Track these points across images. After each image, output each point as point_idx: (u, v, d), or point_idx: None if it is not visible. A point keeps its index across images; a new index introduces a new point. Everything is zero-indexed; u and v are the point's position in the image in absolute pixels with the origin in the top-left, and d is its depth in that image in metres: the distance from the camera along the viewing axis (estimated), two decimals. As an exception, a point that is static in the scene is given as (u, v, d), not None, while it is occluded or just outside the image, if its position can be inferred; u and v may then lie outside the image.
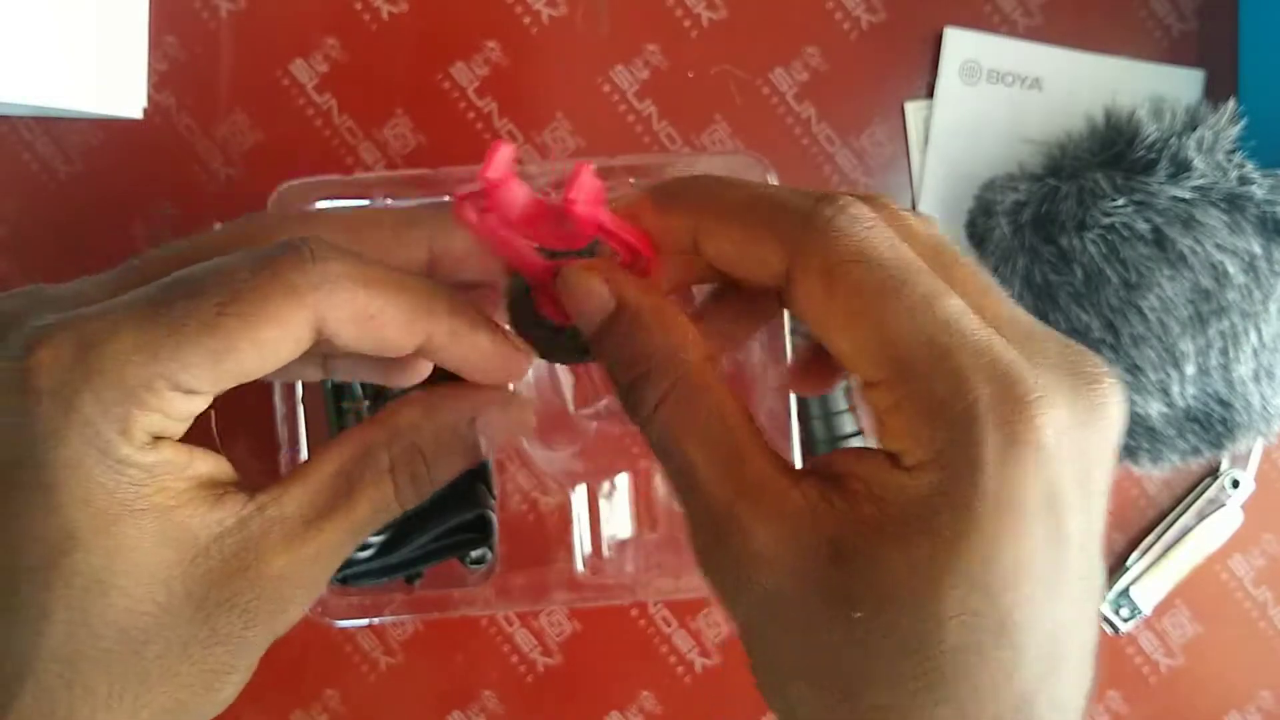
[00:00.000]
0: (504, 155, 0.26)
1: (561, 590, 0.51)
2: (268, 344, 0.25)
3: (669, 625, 0.54)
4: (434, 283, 0.28)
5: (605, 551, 0.51)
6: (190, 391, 0.25)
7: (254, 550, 0.26)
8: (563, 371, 0.52)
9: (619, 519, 0.51)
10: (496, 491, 0.50)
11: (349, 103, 0.54)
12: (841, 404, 0.51)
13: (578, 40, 0.54)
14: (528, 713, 0.54)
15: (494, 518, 0.49)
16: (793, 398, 0.49)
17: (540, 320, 0.31)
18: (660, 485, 0.52)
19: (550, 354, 0.32)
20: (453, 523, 0.48)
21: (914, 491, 0.23)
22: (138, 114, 0.53)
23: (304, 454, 0.48)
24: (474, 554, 0.49)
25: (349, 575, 0.48)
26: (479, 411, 0.30)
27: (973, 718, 0.24)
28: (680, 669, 0.55)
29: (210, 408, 0.26)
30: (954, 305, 0.24)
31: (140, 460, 0.24)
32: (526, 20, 0.54)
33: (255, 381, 0.26)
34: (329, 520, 0.27)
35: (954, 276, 0.25)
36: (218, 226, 0.53)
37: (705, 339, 0.27)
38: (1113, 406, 0.24)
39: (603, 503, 0.51)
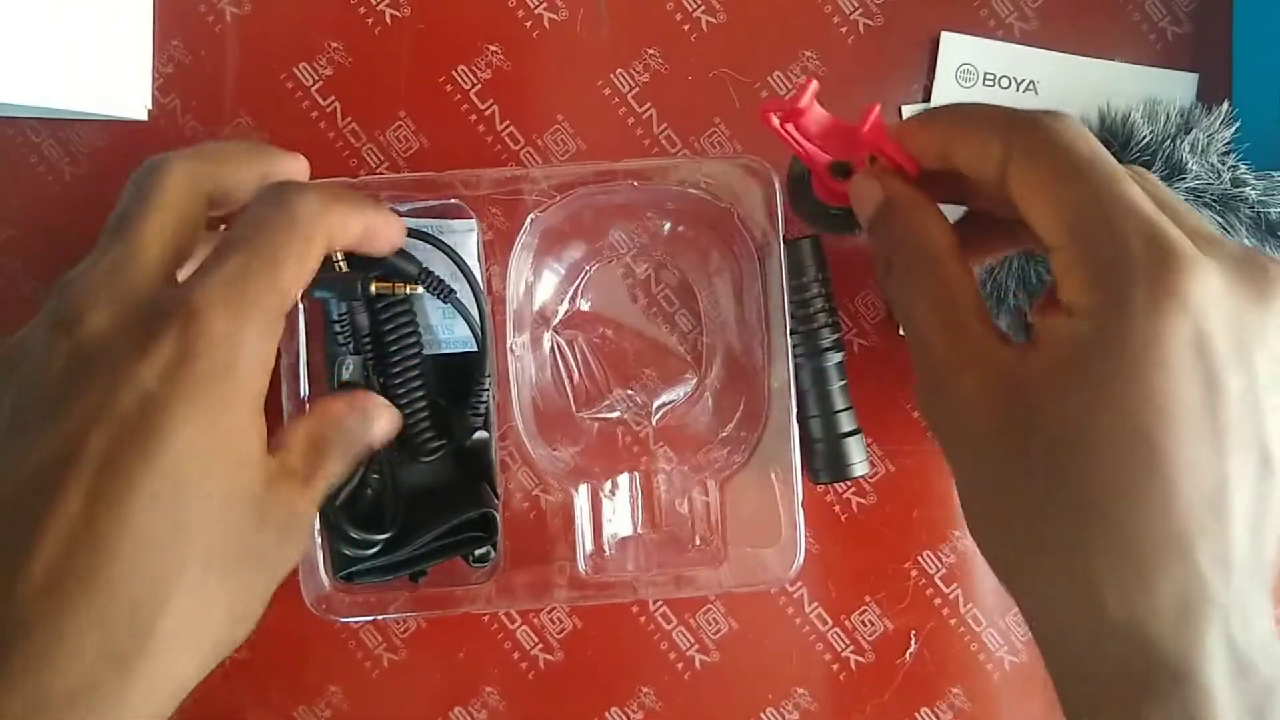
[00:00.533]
0: (811, 89, 0.38)
1: (564, 588, 0.51)
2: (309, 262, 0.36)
3: (669, 622, 0.55)
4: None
5: (607, 550, 0.51)
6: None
7: (283, 499, 0.35)
8: (564, 374, 0.53)
9: (620, 518, 0.52)
10: (500, 491, 0.51)
11: (352, 105, 0.54)
12: (841, 403, 0.52)
13: (578, 44, 0.55)
14: (529, 708, 0.55)
15: (497, 516, 0.50)
16: (793, 400, 0.49)
17: (812, 199, 0.43)
18: (662, 485, 0.52)
19: (817, 225, 0.44)
20: (457, 521, 0.48)
21: (1076, 336, 0.28)
22: (143, 116, 0.54)
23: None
24: (478, 552, 0.50)
25: (353, 573, 0.48)
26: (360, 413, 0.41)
27: (1129, 550, 0.26)
28: (680, 665, 0.55)
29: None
30: (1132, 190, 0.29)
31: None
32: (528, 24, 0.55)
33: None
34: (316, 480, 0.37)
35: (1147, 181, 0.32)
36: (222, 228, 0.54)
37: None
38: (1276, 293, 0.28)
39: (604, 502, 0.51)
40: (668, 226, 0.53)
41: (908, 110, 0.56)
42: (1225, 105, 0.50)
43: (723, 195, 0.51)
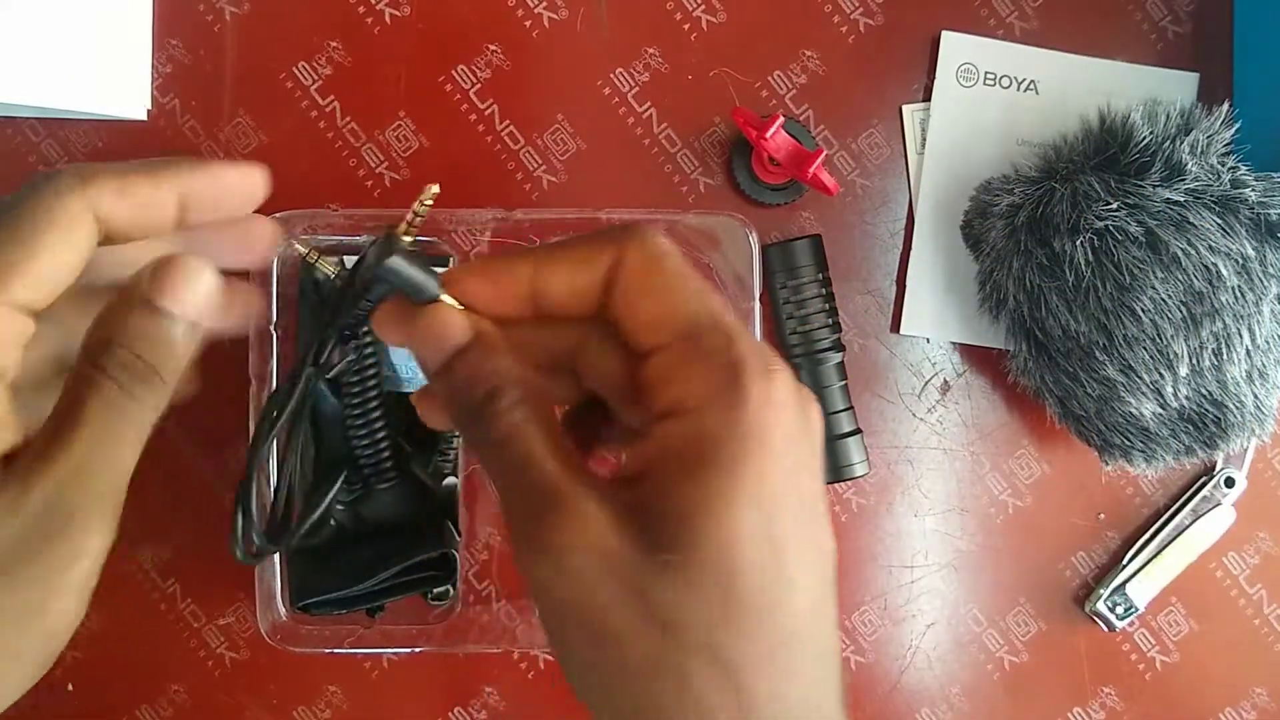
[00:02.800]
0: (778, 124, 0.50)
1: (522, 633, 0.51)
2: (65, 246, 0.30)
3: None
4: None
5: None
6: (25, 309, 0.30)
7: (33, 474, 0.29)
8: None
9: None
10: (463, 530, 0.51)
11: (352, 105, 0.54)
12: (840, 403, 0.52)
13: (578, 43, 0.55)
14: (529, 708, 0.55)
15: (458, 556, 0.50)
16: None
17: (748, 171, 0.53)
18: None
19: (749, 192, 0.52)
20: (417, 559, 0.49)
21: (695, 430, 0.28)
22: (142, 116, 0.54)
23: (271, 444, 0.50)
24: (436, 591, 0.50)
25: (310, 604, 0.49)
26: (151, 285, 0.31)
27: (762, 644, 0.27)
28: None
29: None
30: (719, 298, 0.31)
31: None
32: (528, 23, 0.55)
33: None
34: (71, 436, 0.30)
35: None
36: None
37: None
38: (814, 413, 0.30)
39: None
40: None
41: (908, 110, 0.56)
42: (1226, 105, 0.50)
43: (703, 244, 0.51)
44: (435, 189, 0.32)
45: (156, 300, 0.31)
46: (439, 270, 0.31)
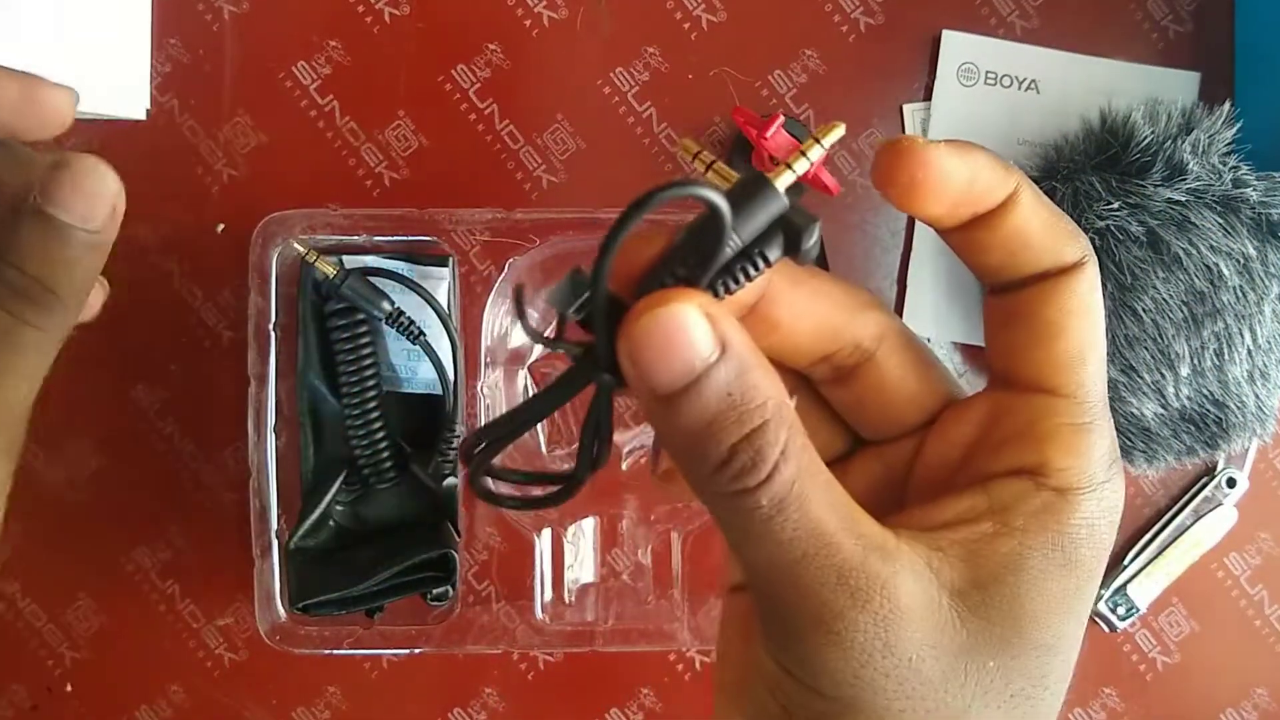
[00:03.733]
0: (779, 123, 0.49)
1: (520, 633, 0.51)
2: None
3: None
4: None
5: (567, 597, 0.51)
6: None
7: None
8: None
9: (583, 564, 0.51)
10: (462, 530, 0.51)
11: (351, 105, 0.54)
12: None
13: (578, 42, 0.55)
14: (528, 709, 0.55)
15: (457, 557, 0.50)
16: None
17: (748, 165, 0.49)
18: (627, 529, 0.52)
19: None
20: (416, 559, 0.49)
21: (1066, 517, 0.23)
22: (141, 115, 0.54)
23: (270, 444, 0.49)
24: (435, 591, 0.50)
25: (310, 605, 0.48)
26: (39, 191, 0.27)
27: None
28: (680, 666, 0.55)
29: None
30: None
31: None
32: (527, 23, 0.55)
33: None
34: None
35: None
36: (220, 227, 0.54)
37: None
38: None
39: (567, 547, 0.51)
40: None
41: (909, 109, 0.55)
42: (1227, 105, 0.49)
43: None
44: (841, 127, 0.24)
45: (49, 208, 0.27)
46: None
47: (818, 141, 0.22)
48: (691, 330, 0.21)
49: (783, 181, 0.22)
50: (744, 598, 0.27)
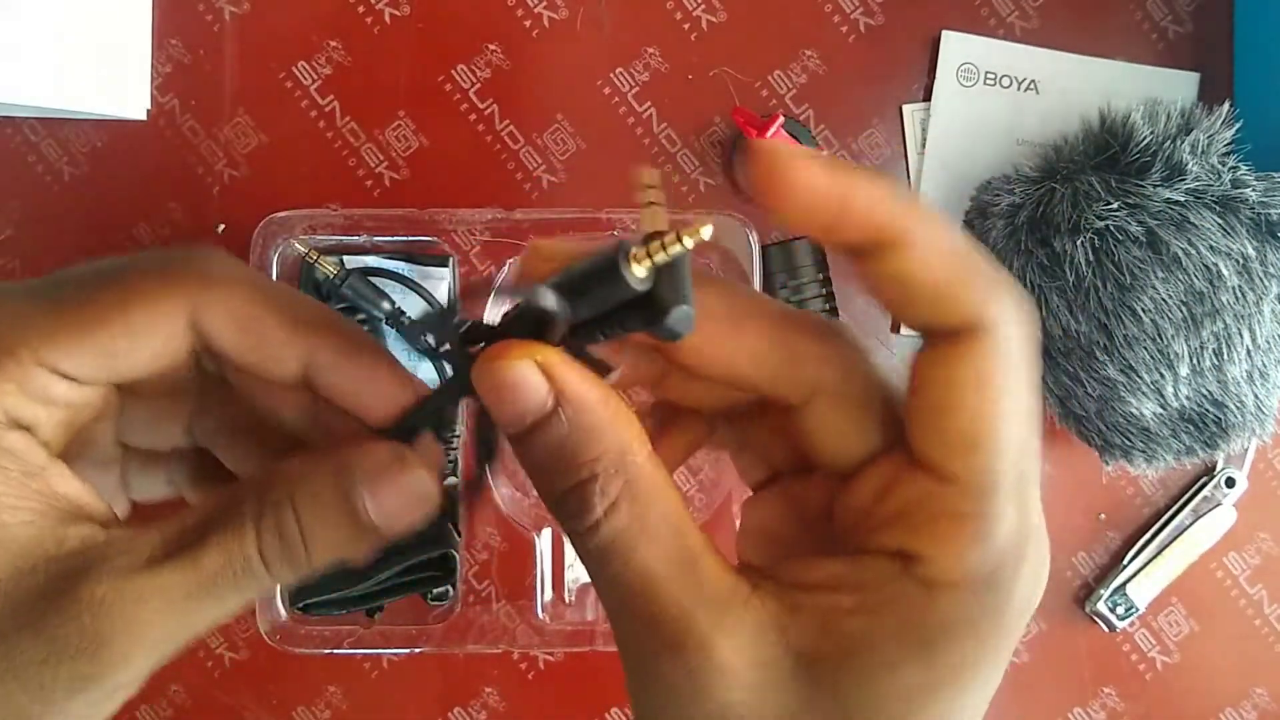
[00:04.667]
0: (777, 124, 0.48)
1: (522, 633, 0.51)
2: (139, 327, 0.24)
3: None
4: (320, 303, 0.26)
5: (567, 597, 0.51)
6: (57, 372, 0.24)
7: (81, 576, 0.23)
8: None
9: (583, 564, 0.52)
10: (462, 530, 0.51)
11: (351, 105, 0.54)
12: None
13: (578, 43, 0.55)
14: (528, 709, 0.55)
15: (458, 557, 0.50)
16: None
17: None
18: None
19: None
20: (416, 559, 0.49)
21: (926, 613, 0.22)
22: (141, 116, 0.54)
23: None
24: (436, 591, 0.50)
25: (310, 604, 0.49)
26: (364, 478, 0.25)
27: None
28: (679, 666, 0.55)
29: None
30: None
31: None
32: (527, 23, 0.55)
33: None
34: (172, 561, 0.23)
35: None
36: (221, 228, 0.54)
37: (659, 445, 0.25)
38: None
39: (567, 547, 0.51)
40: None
41: (908, 110, 0.55)
42: (1226, 105, 0.49)
43: (704, 245, 0.50)
44: (709, 229, 0.22)
45: (362, 494, 0.24)
46: (440, 270, 0.27)
47: (680, 240, 0.21)
48: (524, 384, 0.22)
49: (638, 271, 0.21)
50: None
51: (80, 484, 0.25)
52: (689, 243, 0.21)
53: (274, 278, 0.49)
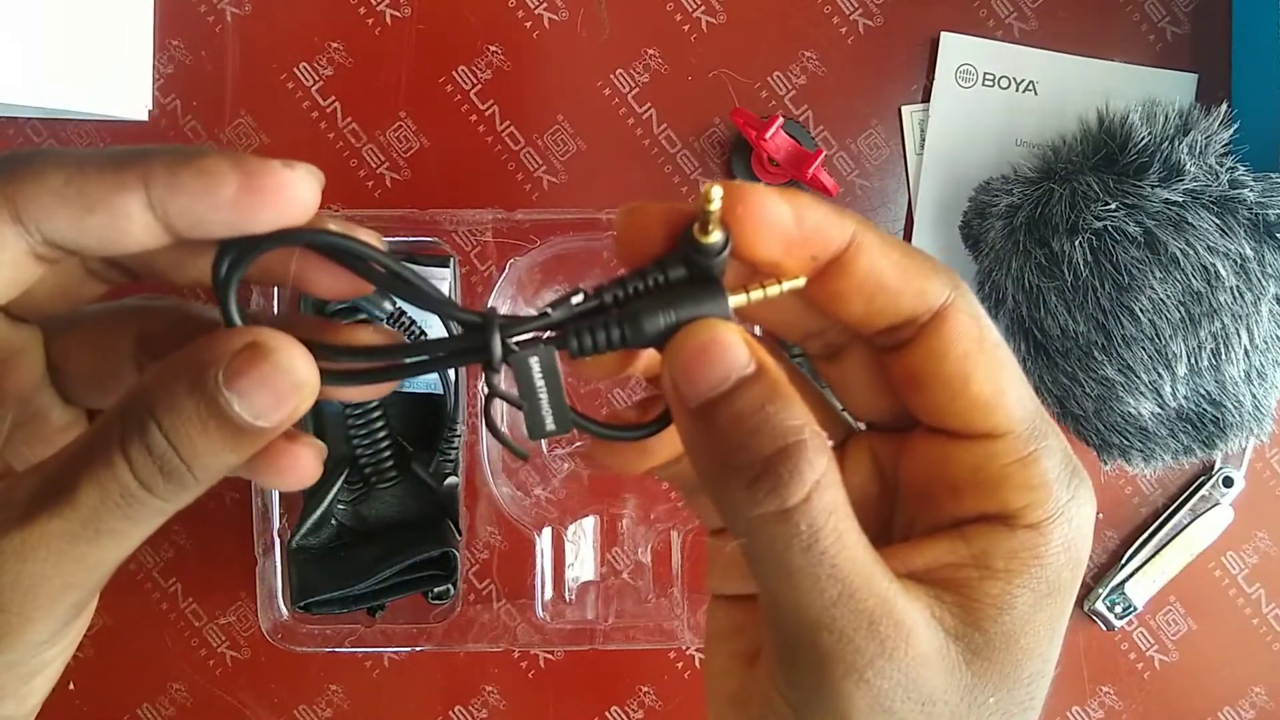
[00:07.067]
0: (777, 125, 0.50)
1: (522, 632, 0.51)
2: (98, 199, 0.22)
3: (668, 621, 0.55)
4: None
5: (568, 595, 0.51)
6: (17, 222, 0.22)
7: None
8: None
9: (584, 562, 0.52)
10: (463, 529, 0.51)
11: (353, 106, 0.54)
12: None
13: (578, 44, 0.55)
14: (529, 707, 0.55)
15: (458, 556, 0.50)
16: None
17: (747, 171, 0.53)
18: (627, 528, 0.52)
19: None
20: (417, 558, 0.49)
21: (1044, 552, 0.23)
22: (143, 116, 0.54)
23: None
24: (437, 590, 0.50)
25: (312, 603, 0.49)
26: (223, 375, 0.22)
27: None
28: (680, 664, 0.55)
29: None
30: None
31: None
32: (528, 24, 0.55)
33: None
34: (49, 507, 0.22)
35: None
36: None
37: None
38: None
39: (568, 545, 0.51)
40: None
41: (907, 111, 0.56)
42: (1224, 106, 0.50)
43: None
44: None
45: (225, 391, 0.22)
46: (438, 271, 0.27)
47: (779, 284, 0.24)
48: (731, 344, 0.22)
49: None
50: (730, 609, 0.28)
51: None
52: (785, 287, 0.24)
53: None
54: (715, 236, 0.23)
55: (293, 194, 0.23)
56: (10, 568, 0.22)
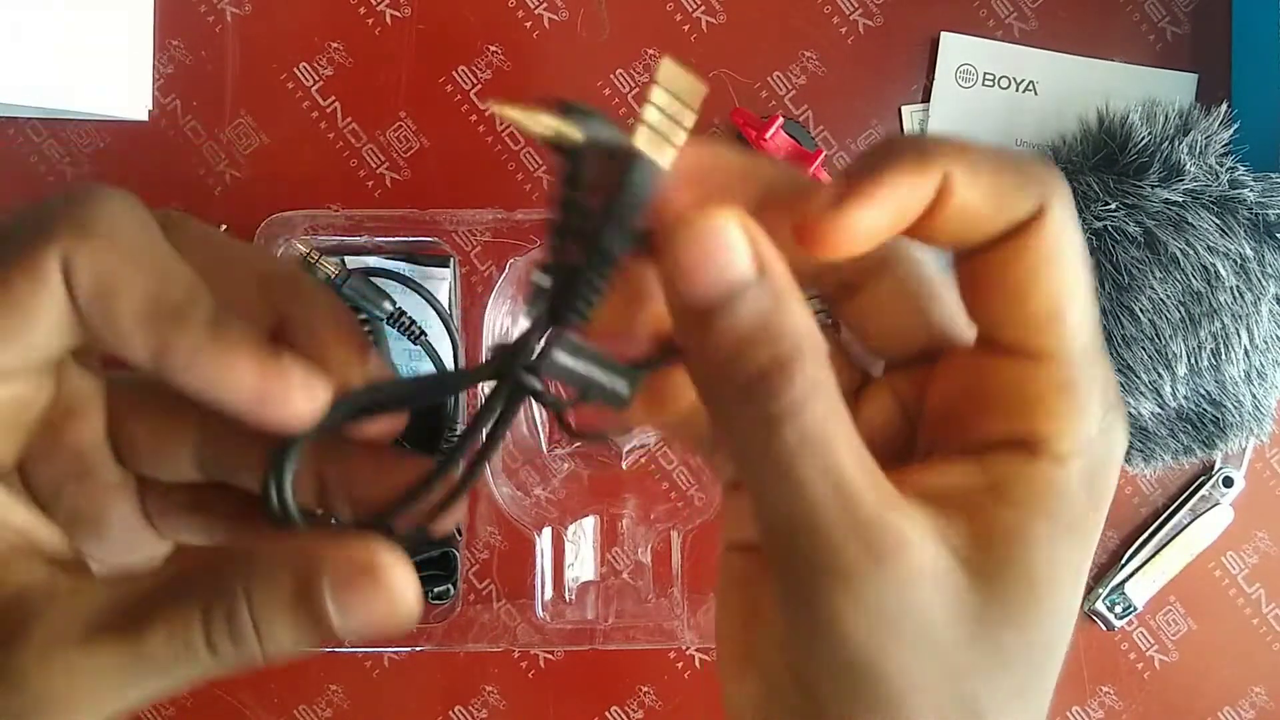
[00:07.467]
0: (777, 125, 0.49)
1: (522, 632, 0.51)
2: (22, 295, 0.21)
3: (668, 621, 0.55)
4: (204, 287, 0.23)
5: (568, 595, 0.51)
6: None
7: (10, 634, 0.21)
8: (538, 410, 0.52)
9: (583, 562, 0.52)
10: (463, 529, 0.51)
11: (353, 106, 0.54)
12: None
13: (578, 44, 0.55)
14: (529, 707, 0.55)
15: (458, 555, 0.50)
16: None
17: None
18: (627, 528, 0.52)
19: None
20: (416, 559, 0.49)
21: (1064, 485, 0.22)
22: (143, 116, 0.54)
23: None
24: (437, 590, 0.50)
25: None
26: (333, 582, 0.22)
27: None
28: (680, 664, 0.55)
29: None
30: None
31: None
32: (528, 24, 0.55)
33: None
34: (112, 635, 0.21)
35: None
36: (222, 228, 0.54)
37: None
38: None
39: (568, 545, 0.51)
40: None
41: (907, 111, 0.56)
42: (1224, 106, 0.50)
43: None
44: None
45: (326, 599, 0.22)
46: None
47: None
48: (733, 247, 0.21)
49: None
50: (742, 558, 0.26)
51: (29, 512, 0.23)
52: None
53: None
54: (569, 131, 0.22)
55: (299, 410, 0.23)
56: (58, 684, 0.21)
